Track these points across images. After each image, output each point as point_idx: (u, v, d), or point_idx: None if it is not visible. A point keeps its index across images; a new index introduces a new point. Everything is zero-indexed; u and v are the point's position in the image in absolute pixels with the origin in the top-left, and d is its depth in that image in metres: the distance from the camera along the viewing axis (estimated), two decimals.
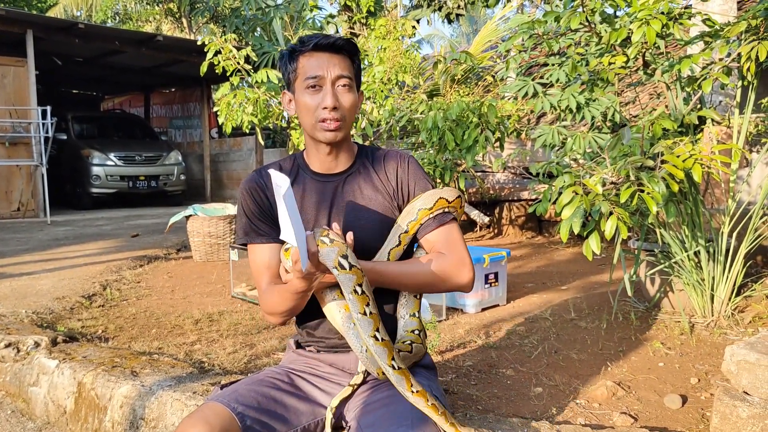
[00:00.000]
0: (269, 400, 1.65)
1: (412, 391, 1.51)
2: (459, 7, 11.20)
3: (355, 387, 1.66)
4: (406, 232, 1.70)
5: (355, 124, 4.82)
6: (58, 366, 2.76)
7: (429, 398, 1.52)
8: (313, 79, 1.66)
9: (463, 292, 1.74)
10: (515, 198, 7.16)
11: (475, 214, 6.84)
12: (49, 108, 9.33)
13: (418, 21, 12.19)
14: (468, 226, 7.40)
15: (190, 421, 1.53)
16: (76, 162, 11.45)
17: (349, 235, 1.51)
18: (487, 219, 6.95)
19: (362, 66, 5.67)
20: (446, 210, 1.71)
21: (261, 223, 1.75)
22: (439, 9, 11.63)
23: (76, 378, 2.63)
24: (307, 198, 1.76)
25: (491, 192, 7.23)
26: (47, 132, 9.29)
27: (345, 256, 1.44)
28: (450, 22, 11.86)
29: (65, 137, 11.61)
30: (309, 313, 1.77)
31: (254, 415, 1.57)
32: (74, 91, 16.96)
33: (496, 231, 7.41)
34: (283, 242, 1.69)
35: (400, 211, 1.75)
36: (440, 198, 1.70)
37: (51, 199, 9.36)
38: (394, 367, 1.50)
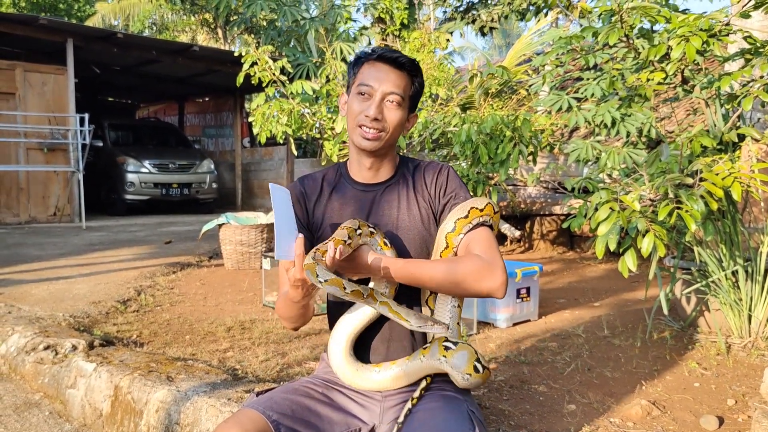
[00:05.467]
0: (303, 409, 1.66)
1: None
2: (493, 20, 11.21)
3: (415, 401, 1.66)
4: (446, 247, 1.69)
5: None
6: (95, 369, 2.81)
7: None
8: (365, 86, 1.69)
9: (495, 297, 1.67)
10: (546, 212, 7.12)
11: (506, 228, 6.81)
12: (87, 115, 9.52)
13: (451, 33, 12.21)
14: (498, 239, 7.36)
15: (225, 426, 1.55)
16: (112, 169, 11.66)
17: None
18: (518, 233, 6.92)
19: None
20: (481, 219, 1.70)
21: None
22: (473, 22, 11.65)
23: (113, 381, 2.68)
24: (346, 206, 1.78)
25: (522, 206, 7.20)
26: (84, 139, 9.48)
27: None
28: (483, 35, 11.87)
29: (101, 144, 11.84)
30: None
31: (288, 424, 1.59)
32: (110, 99, 17.29)
33: (526, 245, 7.37)
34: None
35: (436, 217, 1.76)
36: (472, 208, 1.68)
37: (86, 204, 9.54)
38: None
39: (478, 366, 1.60)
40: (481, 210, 1.68)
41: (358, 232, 1.59)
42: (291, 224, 1.54)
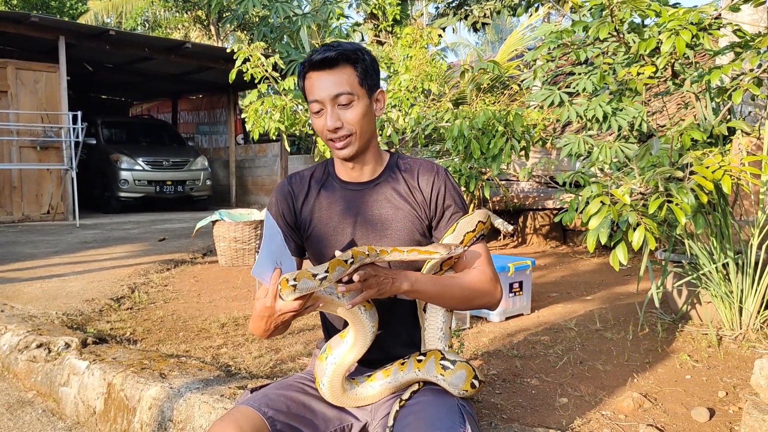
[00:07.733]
0: (298, 405, 1.67)
1: None
2: (485, 15, 11.22)
3: (403, 402, 1.66)
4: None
5: (381, 132, 4.84)
6: (88, 367, 2.81)
7: None
8: (314, 103, 1.67)
9: (490, 309, 1.75)
10: (539, 207, 7.14)
11: (499, 223, 6.82)
12: (79, 113, 9.49)
13: (443, 29, 12.21)
14: (492, 234, 7.39)
15: (221, 424, 1.55)
16: (105, 166, 11.64)
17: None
18: (510, 228, 6.93)
19: (388, 74, 5.71)
20: (482, 231, 1.75)
21: None
22: (465, 17, 11.65)
23: (105, 379, 2.68)
24: (334, 205, 1.77)
25: (515, 201, 7.22)
26: (77, 137, 9.45)
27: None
28: (476, 30, 11.87)
29: (94, 142, 11.81)
30: (333, 322, 1.80)
31: (284, 420, 1.59)
32: (103, 97, 17.25)
33: (519, 240, 7.39)
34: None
35: (429, 221, 1.76)
36: (479, 222, 1.73)
37: (80, 202, 9.51)
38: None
39: (475, 382, 1.63)
40: (484, 223, 1.75)
41: (349, 262, 1.49)
42: (275, 252, 1.50)
